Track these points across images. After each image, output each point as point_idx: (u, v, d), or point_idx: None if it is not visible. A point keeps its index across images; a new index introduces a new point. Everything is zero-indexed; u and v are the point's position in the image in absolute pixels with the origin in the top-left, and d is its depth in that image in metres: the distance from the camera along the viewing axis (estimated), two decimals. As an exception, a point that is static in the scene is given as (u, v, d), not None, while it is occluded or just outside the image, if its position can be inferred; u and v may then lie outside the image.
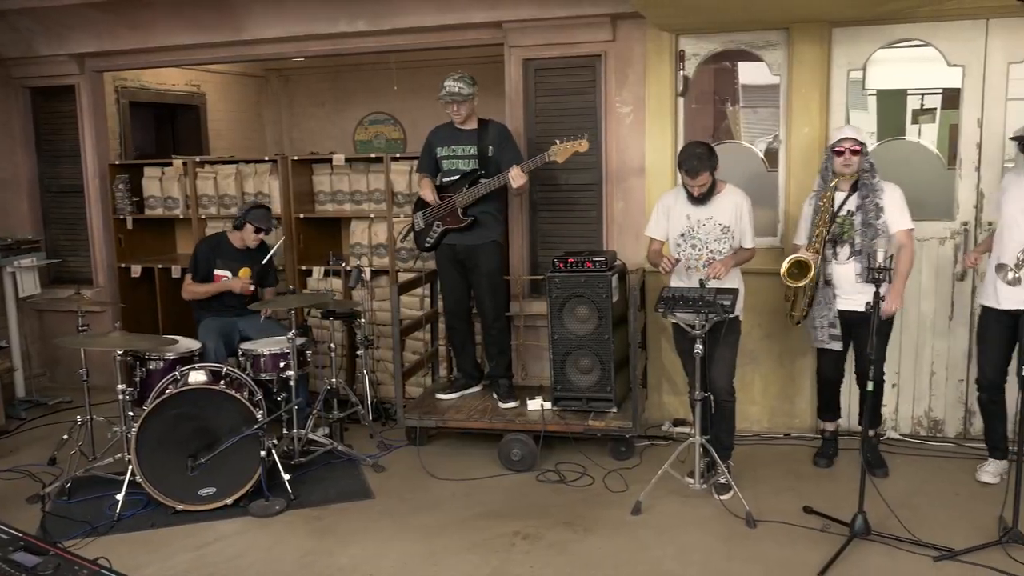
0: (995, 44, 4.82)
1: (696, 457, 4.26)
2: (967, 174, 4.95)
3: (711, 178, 4.34)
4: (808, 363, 5.21)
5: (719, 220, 4.42)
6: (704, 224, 4.44)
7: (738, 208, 4.43)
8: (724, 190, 4.46)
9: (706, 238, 4.44)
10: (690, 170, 4.30)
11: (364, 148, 8.62)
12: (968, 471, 4.59)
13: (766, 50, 5.14)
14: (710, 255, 4.43)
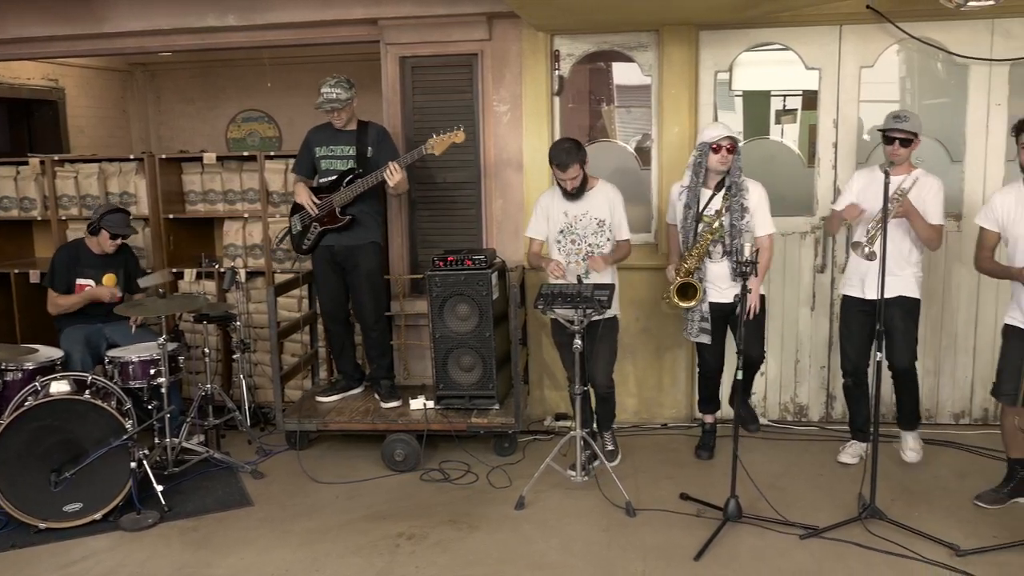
0: (848, 49, 5.11)
1: (577, 450, 4.35)
2: (825, 172, 5.23)
3: (582, 171, 4.48)
4: (683, 355, 5.40)
5: (595, 214, 4.56)
6: (581, 219, 4.57)
7: (611, 202, 4.59)
8: (596, 185, 4.60)
9: (584, 232, 4.57)
10: (560, 164, 4.42)
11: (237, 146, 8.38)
12: (830, 453, 4.86)
13: (638, 51, 5.30)
14: (589, 249, 4.57)
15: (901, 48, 5.15)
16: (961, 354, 5.27)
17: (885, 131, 4.36)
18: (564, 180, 4.48)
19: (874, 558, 3.70)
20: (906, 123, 4.31)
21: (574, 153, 4.44)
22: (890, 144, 4.32)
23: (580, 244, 4.59)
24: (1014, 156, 5.03)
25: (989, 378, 5.18)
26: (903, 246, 4.42)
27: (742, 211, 4.50)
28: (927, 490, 4.40)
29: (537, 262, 4.68)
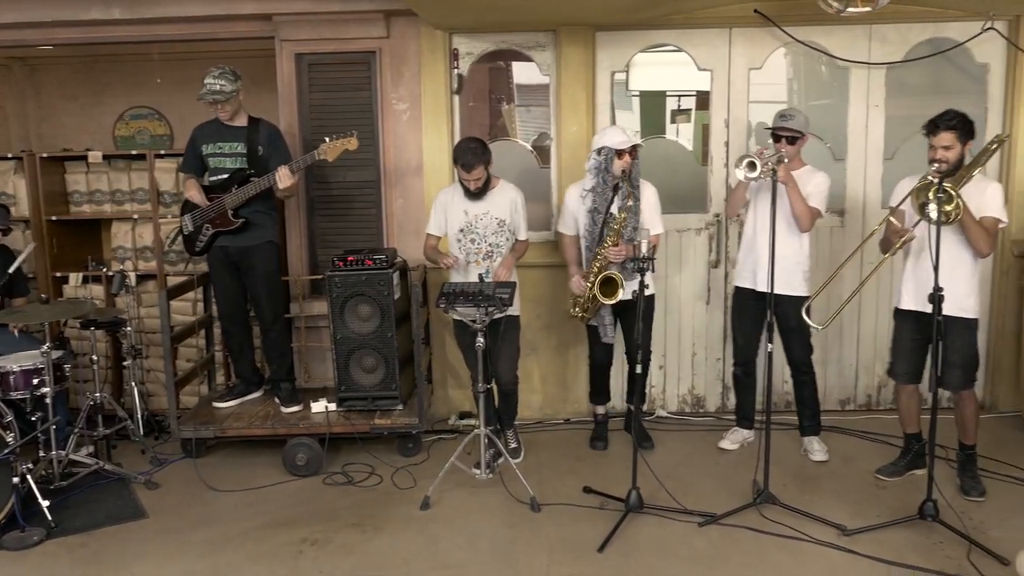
0: (737, 51, 5.30)
1: (482, 448, 4.38)
2: (717, 170, 5.41)
3: (486, 172, 4.51)
4: (584, 351, 5.46)
5: (495, 214, 4.60)
6: (482, 219, 4.59)
7: (513, 203, 4.63)
8: (498, 185, 4.64)
9: (484, 232, 4.60)
10: (465, 164, 4.44)
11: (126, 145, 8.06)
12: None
13: (536, 51, 5.36)
14: (489, 248, 4.60)
15: (788, 51, 5.36)
16: (846, 343, 5.53)
17: (773, 129, 4.52)
18: (468, 181, 4.50)
19: (768, 541, 3.86)
20: (791, 121, 4.47)
21: (479, 154, 4.46)
22: (778, 142, 4.48)
23: (480, 243, 4.62)
24: (891, 155, 5.38)
25: (872, 366, 5.52)
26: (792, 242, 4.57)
27: (637, 213, 4.60)
28: (816, 474, 4.60)
29: (434, 256, 4.68)
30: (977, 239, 3.98)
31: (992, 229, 4.04)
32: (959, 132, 3.98)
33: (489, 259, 4.62)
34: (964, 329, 4.17)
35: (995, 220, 4.04)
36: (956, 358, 4.18)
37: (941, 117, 4.02)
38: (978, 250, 4.03)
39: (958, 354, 4.18)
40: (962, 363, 4.20)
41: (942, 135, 3.98)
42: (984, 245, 4.01)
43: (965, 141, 4.01)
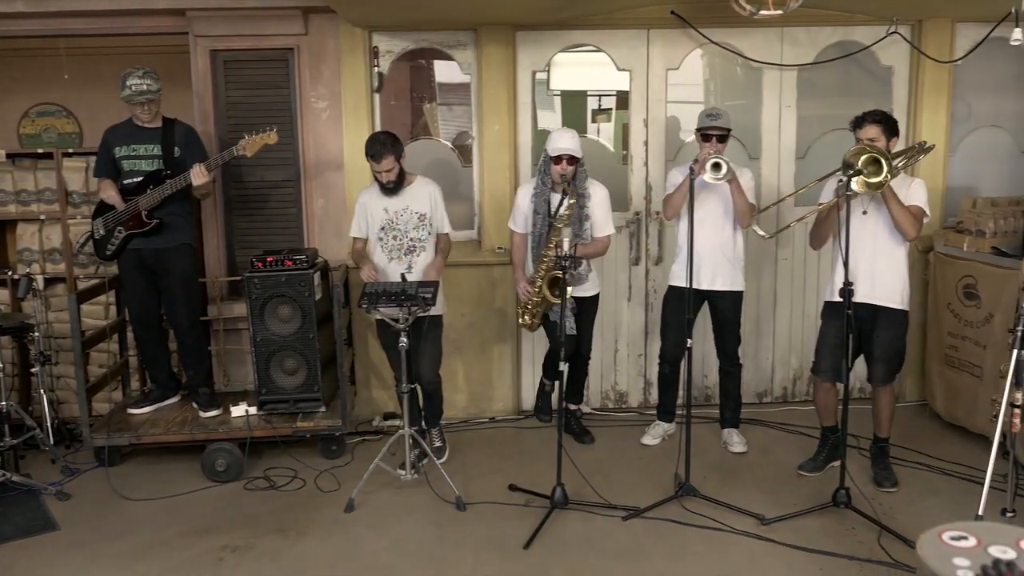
0: (655, 52, 5.39)
1: (406, 448, 4.35)
2: (637, 169, 5.50)
3: (397, 164, 4.48)
4: (508, 349, 5.52)
5: (415, 209, 4.58)
6: (402, 214, 4.58)
7: (431, 197, 4.61)
8: (415, 181, 4.63)
9: (405, 227, 4.58)
10: (374, 155, 4.43)
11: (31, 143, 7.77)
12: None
13: (456, 49, 5.36)
14: (411, 243, 4.58)
15: (704, 52, 5.48)
16: (763, 338, 5.68)
17: (703, 129, 4.59)
18: (379, 172, 4.47)
19: (689, 533, 3.94)
20: (720, 120, 4.56)
21: (389, 145, 4.43)
22: (708, 141, 4.54)
23: (402, 239, 4.59)
24: (804, 154, 5.56)
25: (788, 360, 5.69)
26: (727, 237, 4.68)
27: (582, 220, 4.62)
28: (736, 466, 4.72)
29: (361, 260, 4.64)
30: (903, 221, 4.13)
31: (918, 216, 4.19)
32: (884, 127, 4.16)
33: (412, 254, 4.59)
34: (893, 322, 4.31)
35: (921, 209, 4.21)
36: (882, 352, 4.32)
37: (868, 113, 4.21)
38: (905, 231, 4.17)
39: (885, 348, 4.31)
40: (888, 357, 4.33)
41: (868, 128, 4.15)
42: (911, 228, 4.15)
43: (889, 137, 4.18)
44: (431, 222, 4.62)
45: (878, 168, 3.93)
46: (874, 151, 3.93)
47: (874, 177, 3.93)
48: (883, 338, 4.30)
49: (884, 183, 3.95)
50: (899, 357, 4.40)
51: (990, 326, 4.78)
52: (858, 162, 3.92)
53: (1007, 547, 1.40)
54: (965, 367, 5.02)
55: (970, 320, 4.97)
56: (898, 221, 4.14)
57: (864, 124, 4.17)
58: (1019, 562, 1.31)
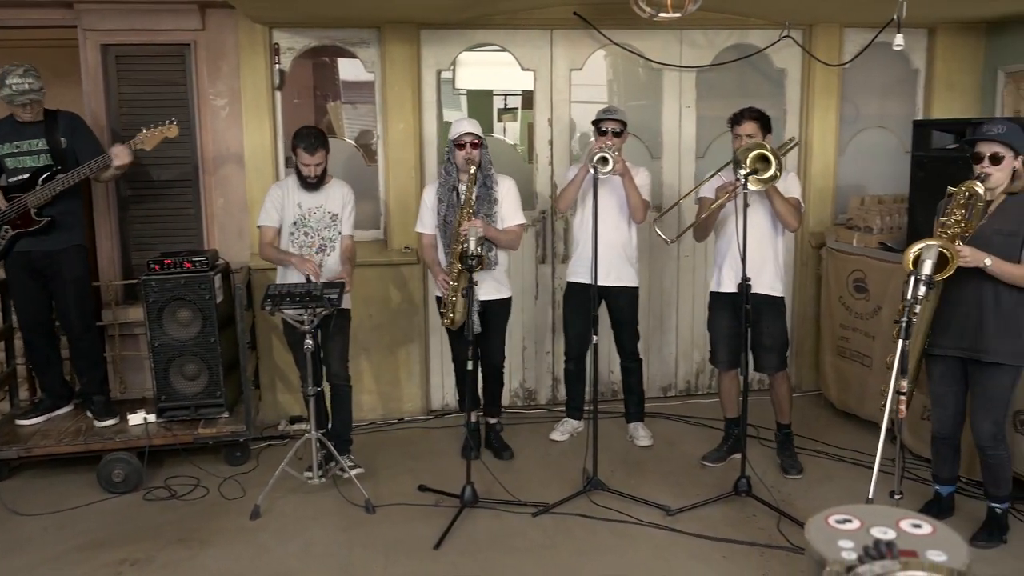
0: (559, 52, 5.47)
1: (313, 452, 4.30)
2: (542, 168, 5.57)
3: (326, 160, 4.44)
4: (417, 349, 5.52)
5: (329, 208, 4.52)
6: (315, 212, 4.51)
7: (345, 198, 4.57)
8: (332, 181, 4.57)
9: (317, 226, 4.51)
10: (308, 147, 4.35)
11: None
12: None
13: (360, 47, 5.32)
14: (322, 242, 4.52)
15: (607, 53, 5.58)
16: (666, 333, 5.83)
17: (598, 122, 4.66)
18: (308, 165, 4.38)
19: (598, 526, 4.02)
20: (616, 114, 4.65)
21: (322, 139, 4.40)
22: (603, 135, 4.61)
23: (313, 237, 4.52)
24: (703, 153, 5.73)
25: (691, 354, 5.85)
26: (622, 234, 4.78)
27: (491, 203, 4.59)
28: (642, 459, 4.83)
29: (271, 254, 4.50)
30: (786, 213, 4.33)
31: (797, 208, 4.41)
32: (760, 123, 4.36)
33: (322, 253, 4.52)
34: (775, 310, 4.51)
35: (798, 200, 4.44)
36: (770, 341, 4.51)
37: (745, 110, 4.41)
38: (788, 223, 4.37)
39: (772, 337, 4.51)
40: (776, 345, 4.53)
41: (745, 124, 4.35)
42: (793, 219, 4.36)
43: (765, 134, 4.37)
44: (342, 222, 4.57)
45: (767, 164, 4.09)
46: (765, 149, 4.09)
47: (764, 173, 4.09)
48: (769, 327, 4.51)
49: (776, 177, 4.11)
50: (785, 344, 4.62)
51: (878, 318, 5.04)
52: (747, 159, 4.08)
53: (887, 527, 1.49)
54: (856, 357, 5.27)
55: (860, 312, 5.22)
56: (782, 214, 4.34)
57: (743, 120, 4.38)
58: (898, 541, 1.39)
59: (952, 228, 3.60)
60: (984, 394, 3.73)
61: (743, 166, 4.08)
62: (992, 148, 3.57)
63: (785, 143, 4.78)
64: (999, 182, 3.61)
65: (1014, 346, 3.65)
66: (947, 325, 3.75)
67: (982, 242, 3.58)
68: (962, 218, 3.60)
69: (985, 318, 3.65)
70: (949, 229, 3.61)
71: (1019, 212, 3.61)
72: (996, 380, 3.69)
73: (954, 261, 3.45)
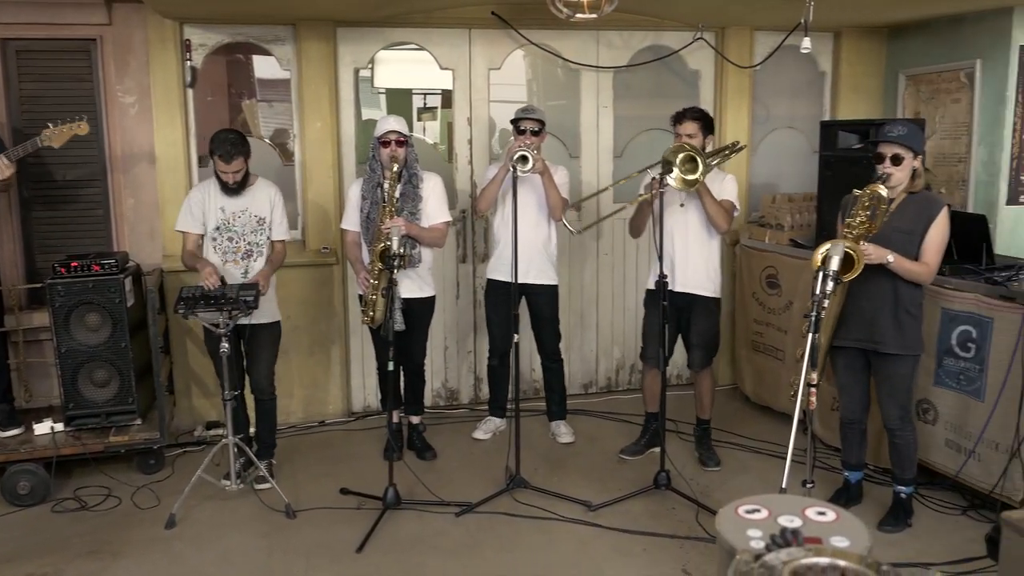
0: (477, 52, 5.48)
1: (231, 457, 4.21)
2: (462, 167, 5.58)
3: (245, 165, 4.32)
4: (337, 350, 5.47)
5: (255, 212, 4.41)
6: (239, 216, 4.39)
7: (272, 200, 4.46)
8: (257, 182, 4.46)
9: (242, 230, 4.39)
10: (224, 155, 4.22)
11: None
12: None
13: (275, 44, 5.23)
14: (248, 247, 4.41)
15: (526, 53, 5.62)
16: (587, 330, 5.90)
17: (517, 121, 4.68)
18: (226, 173, 4.27)
19: (521, 524, 4.04)
20: (534, 113, 4.68)
21: (239, 145, 4.25)
22: (522, 134, 4.63)
23: (238, 242, 4.40)
24: (620, 153, 5.81)
25: (611, 350, 5.93)
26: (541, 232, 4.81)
27: (416, 200, 4.55)
28: (563, 456, 4.88)
29: (193, 261, 4.38)
30: (716, 215, 4.41)
31: (729, 210, 4.49)
32: (702, 124, 4.44)
33: (249, 258, 4.41)
34: (707, 309, 4.60)
35: (732, 203, 4.51)
36: (699, 339, 4.61)
37: (688, 109, 4.49)
38: (717, 225, 4.46)
39: (701, 335, 4.61)
40: (704, 343, 4.64)
41: (687, 124, 4.42)
42: (723, 220, 4.45)
43: (706, 135, 4.46)
44: (269, 227, 4.45)
45: (694, 166, 4.17)
46: (692, 150, 4.17)
47: (690, 175, 4.17)
48: (699, 325, 4.60)
49: (699, 181, 4.19)
50: (715, 342, 4.71)
51: (789, 313, 5.20)
52: (676, 159, 4.14)
53: (794, 516, 1.55)
54: (769, 351, 5.43)
55: (773, 308, 5.38)
56: (711, 215, 4.42)
57: (684, 120, 4.44)
58: (803, 529, 1.45)
59: (857, 229, 3.73)
60: (886, 382, 3.92)
61: (671, 166, 4.14)
62: (893, 149, 3.71)
63: (726, 146, 4.87)
64: (899, 182, 3.75)
65: (908, 337, 3.83)
66: (848, 319, 3.91)
67: (883, 240, 3.72)
68: (866, 219, 3.73)
69: (883, 312, 3.82)
70: (854, 230, 3.73)
71: (917, 211, 3.77)
72: (895, 369, 3.87)
73: (860, 261, 3.58)
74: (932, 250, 3.75)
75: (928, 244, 3.74)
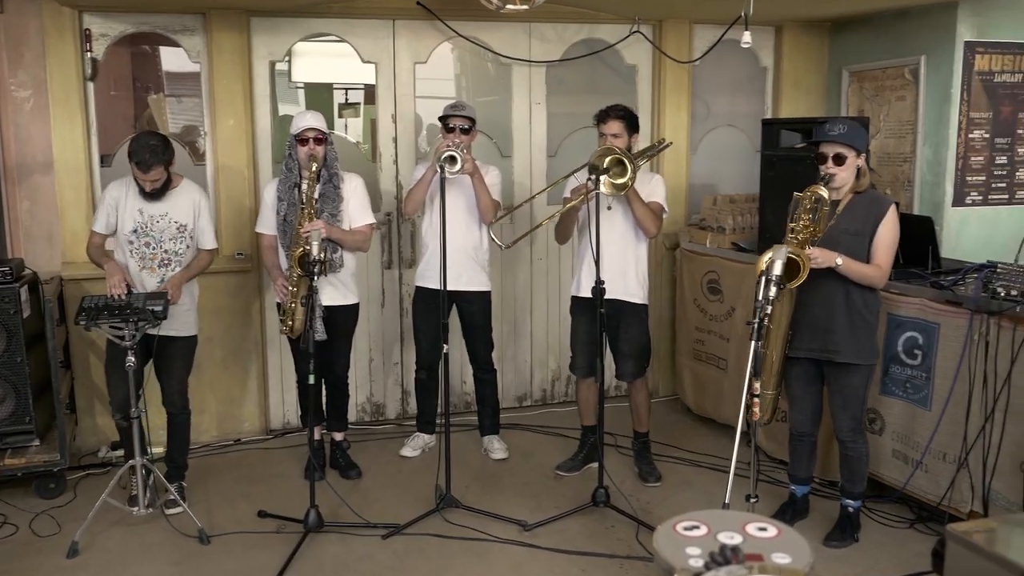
0: (402, 44, 5.51)
1: (139, 480, 4.16)
2: (387, 167, 5.60)
3: (166, 173, 4.24)
4: (254, 363, 5.44)
5: (175, 217, 4.34)
6: (159, 221, 4.31)
7: (196, 205, 4.39)
8: (181, 185, 4.38)
9: (160, 236, 4.32)
10: (141, 163, 4.14)
11: None
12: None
13: (183, 35, 5.18)
14: (166, 255, 4.34)
15: (454, 46, 5.67)
16: (521, 340, 5.98)
17: (445, 118, 4.71)
18: (144, 182, 4.19)
19: (453, 546, 4.07)
20: (464, 110, 4.72)
21: (160, 152, 4.15)
22: (450, 132, 4.66)
23: (155, 249, 4.31)
24: (554, 152, 5.89)
25: (546, 361, 6.01)
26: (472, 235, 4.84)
27: (337, 201, 4.54)
28: (496, 473, 4.94)
29: (97, 258, 4.32)
30: (645, 218, 4.48)
31: (658, 213, 4.57)
32: (627, 123, 4.51)
33: (166, 267, 4.34)
34: (637, 317, 4.67)
35: (660, 206, 4.59)
36: (629, 348, 4.67)
37: (611, 107, 4.54)
38: (647, 229, 4.53)
39: (631, 344, 4.67)
40: (635, 352, 4.70)
41: (611, 123, 4.48)
42: (652, 225, 4.51)
43: (631, 133, 4.53)
44: (191, 234, 4.38)
45: (623, 169, 4.23)
46: (620, 153, 4.24)
47: (619, 178, 4.24)
48: (630, 334, 4.67)
49: (628, 184, 4.25)
50: (646, 351, 4.78)
51: (732, 319, 5.33)
52: (603, 163, 4.20)
53: (734, 532, 1.59)
54: (711, 360, 5.56)
55: (714, 314, 5.51)
56: (640, 219, 4.50)
57: (608, 119, 4.51)
58: (744, 546, 1.50)
59: (801, 233, 3.79)
60: (840, 392, 3.99)
61: (598, 169, 4.18)
62: (835, 149, 3.81)
63: (653, 144, 4.95)
64: (844, 182, 3.85)
65: (863, 346, 3.92)
66: (801, 328, 3.97)
67: (831, 242, 3.80)
68: (810, 222, 3.80)
69: (835, 319, 3.90)
70: (799, 234, 3.79)
71: (865, 211, 3.87)
72: (849, 379, 3.94)
73: (806, 267, 3.64)
74: (882, 250, 3.83)
75: (878, 244, 3.83)
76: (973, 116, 5.35)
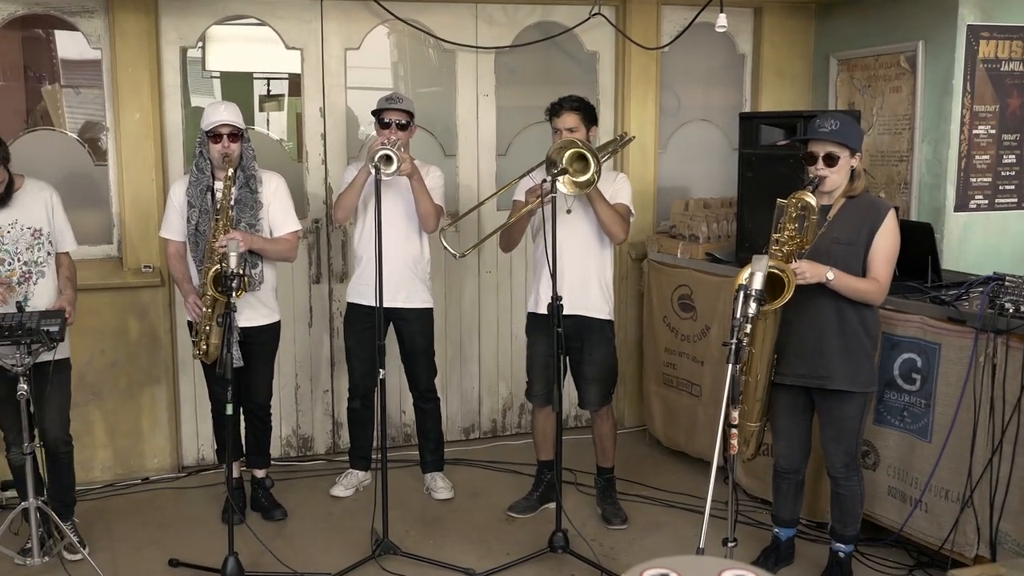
0: (331, 28, 5.65)
1: (32, 525, 4.20)
2: (315, 167, 5.74)
3: (6, 173, 4.24)
4: (163, 391, 5.53)
5: (27, 223, 4.35)
6: (9, 231, 4.31)
7: (48, 204, 4.41)
8: (25, 186, 4.38)
9: (15, 248, 4.32)
10: None
11: None
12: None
13: (82, 17, 5.28)
14: (25, 269, 4.34)
15: (391, 30, 5.82)
16: (468, 364, 6.13)
17: (379, 112, 4.82)
18: None
19: (390, 597, 4.21)
20: (401, 103, 4.83)
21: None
22: (386, 128, 4.77)
23: (13, 264, 4.32)
24: (505, 150, 5.97)
25: (496, 388, 6.10)
26: (412, 245, 4.97)
27: (256, 207, 4.63)
28: (440, 515, 5.07)
29: None
30: (612, 222, 4.55)
31: (625, 216, 4.66)
32: (583, 114, 4.62)
33: (27, 282, 4.35)
34: (603, 336, 4.76)
35: (627, 208, 4.69)
36: (593, 371, 4.77)
37: (564, 99, 4.65)
38: (614, 234, 4.61)
39: (596, 366, 4.76)
40: (600, 376, 4.79)
41: (566, 116, 4.59)
42: (619, 229, 4.60)
43: (589, 126, 4.66)
44: (51, 239, 4.42)
45: (585, 165, 4.30)
46: (582, 146, 4.31)
47: (581, 175, 4.31)
48: (594, 355, 4.75)
49: (593, 181, 4.33)
50: (612, 375, 4.88)
51: (707, 340, 5.40)
52: (563, 159, 4.26)
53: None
54: (683, 386, 5.67)
55: (687, 334, 5.60)
56: (606, 223, 4.57)
57: (561, 111, 4.62)
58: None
59: (787, 245, 3.79)
60: (833, 424, 4.01)
61: (556, 166, 4.24)
62: (826, 148, 3.80)
63: (614, 139, 5.09)
64: (836, 185, 3.86)
65: (858, 371, 3.95)
66: (788, 352, 3.98)
67: (821, 253, 3.81)
68: (796, 233, 3.79)
69: (827, 340, 3.91)
70: (784, 247, 3.79)
71: (859, 218, 3.87)
72: (843, 409, 3.97)
73: (791, 284, 3.65)
74: (880, 263, 3.84)
75: (875, 255, 3.84)
76: (977, 109, 5.42)
